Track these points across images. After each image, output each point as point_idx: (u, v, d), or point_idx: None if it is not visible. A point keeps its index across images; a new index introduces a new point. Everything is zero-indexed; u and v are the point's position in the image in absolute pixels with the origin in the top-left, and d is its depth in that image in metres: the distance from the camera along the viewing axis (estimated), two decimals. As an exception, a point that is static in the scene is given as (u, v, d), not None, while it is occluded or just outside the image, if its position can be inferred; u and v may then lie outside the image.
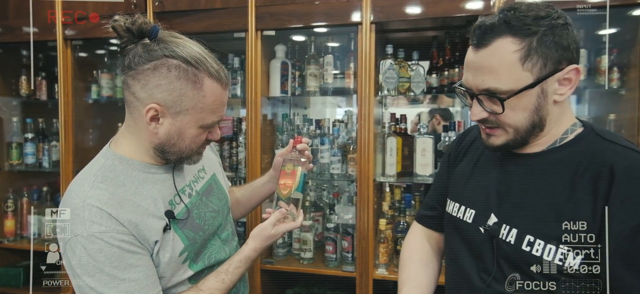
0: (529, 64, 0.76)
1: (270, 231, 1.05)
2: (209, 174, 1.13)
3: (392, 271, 1.84)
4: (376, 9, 1.76)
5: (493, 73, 0.77)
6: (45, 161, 2.34)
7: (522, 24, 0.76)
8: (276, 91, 2.02)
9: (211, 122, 0.92)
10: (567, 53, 0.77)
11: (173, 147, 0.92)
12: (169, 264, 0.93)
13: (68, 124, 2.16)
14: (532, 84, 0.77)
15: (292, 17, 1.86)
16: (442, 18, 1.79)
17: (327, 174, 2.00)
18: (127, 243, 0.87)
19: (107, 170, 0.92)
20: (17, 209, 2.35)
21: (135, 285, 0.86)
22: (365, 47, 1.78)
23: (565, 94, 0.80)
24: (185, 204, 0.99)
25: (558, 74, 0.78)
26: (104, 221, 0.85)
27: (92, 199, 0.86)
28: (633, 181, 0.72)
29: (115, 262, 0.85)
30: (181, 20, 1.98)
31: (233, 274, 1.01)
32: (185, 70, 0.86)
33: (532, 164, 0.84)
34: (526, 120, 0.80)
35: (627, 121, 1.66)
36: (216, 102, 0.91)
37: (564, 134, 0.83)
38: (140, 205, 0.91)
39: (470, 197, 0.93)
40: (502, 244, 0.82)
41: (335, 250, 1.92)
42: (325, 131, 2.06)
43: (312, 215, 2.03)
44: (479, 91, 0.80)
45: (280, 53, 2.03)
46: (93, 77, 2.29)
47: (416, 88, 1.91)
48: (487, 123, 0.84)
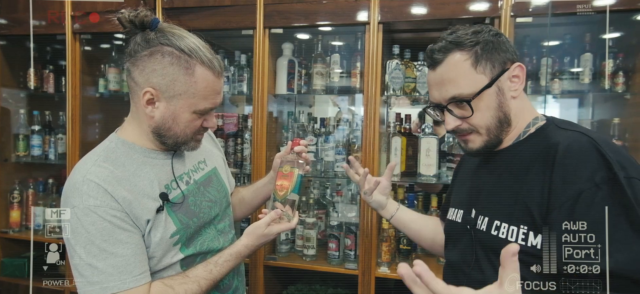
0: (480, 68, 0.88)
1: (264, 230, 1.07)
2: (209, 167, 1.16)
3: (394, 270, 1.86)
4: (384, 9, 1.78)
5: (453, 82, 0.89)
6: (51, 153, 2.36)
7: (464, 40, 0.89)
8: (282, 89, 2.03)
9: (204, 108, 0.97)
10: (508, 55, 0.90)
11: (169, 132, 0.98)
12: (159, 244, 0.97)
13: (75, 117, 2.18)
14: (489, 84, 0.88)
15: (299, 16, 1.87)
16: (449, 19, 1.80)
17: (331, 172, 2.02)
18: (119, 220, 0.91)
19: (109, 152, 0.98)
20: (23, 201, 2.37)
21: (122, 261, 0.90)
22: (372, 47, 1.80)
23: (518, 89, 0.91)
24: (182, 190, 1.04)
25: (507, 73, 0.89)
26: (100, 195, 0.90)
27: (91, 175, 0.91)
28: (568, 157, 0.79)
29: (106, 236, 0.90)
30: (189, 16, 1.99)
31: (221, 267, 1.04)
32: (178, 56, 0.93)
33: (501, 159, 0.94)
34: (493, 118, 0.90)
35: (632, 125, 1.67)
36: (208, 89, 0.96)
37: (526, 127, 0.92)
38: (137, 185, 0.96)
39: (459, 200, 1.05)
40: (478, 233, 0.92)
41: (338, 248, 1.94)
42: (330, 129, 2.07)
43: (315, 213, 2.05)
44: (446, 101, 0.91)
45: (287, 51, 2.05)
46: (100, 71, 2.30)
47: (422, 88, 1.93)
48: (461, 131, 0.93)
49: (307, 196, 2.10)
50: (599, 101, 1.98)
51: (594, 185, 0.74)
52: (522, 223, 0.82)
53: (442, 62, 0.90)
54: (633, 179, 0.74)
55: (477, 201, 0.95)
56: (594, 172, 0.75)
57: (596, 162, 0.76)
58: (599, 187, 0.74)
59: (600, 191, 0.74)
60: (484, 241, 0.89)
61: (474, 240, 0.92)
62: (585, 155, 0.77)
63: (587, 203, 0.74)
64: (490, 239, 0.87)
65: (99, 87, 2.29)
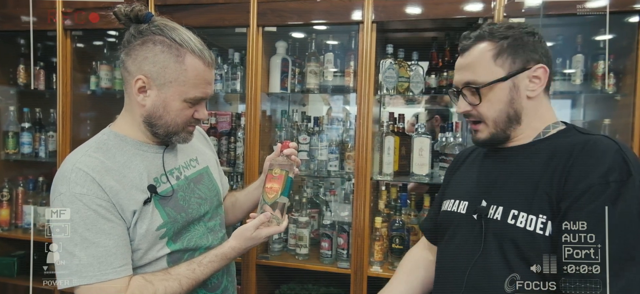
0: (500, 61, 0.90)
1: (252, 233, 1.06)
2: (201, 165, 1.17)
3: (387, 269, 1.86)
4: (377, 9, 1.78)
5: (471, 69, 0.93)
6: (41, 151, 2.33)
7: (495, 32, 0.92)
8: (276, 88, 2.02)
9: (194, 96, 0.98)
10: (535, 55, 0.91)
11: (159, 120, 0.99)
12: (145, 236, 0.97)
13: (66, 114, 2.15)
14: (504, 78, 0.90)
15: (293, 14, 1.87)
16: (442, 19, 1.81)
17: (325, 171, 2.01)
18: (104, 209, 0.92)
19: (101, 143, 1.00)
20: (12, 199, 2.34)
21: (103, 251, 0.90)
22: (366, 46, 1.79)
23: (536, 90, 0.91)
24: (172, 184, 1.04)
25: (527, 72, 0.90)
26: (87, 184, 0.91)
27: (80, 164, 0.93)
28: (589, 153, 0.81)
29: (89, 225, 0.90)
30: (183, 14, 1.98)
31: (205, 268, 1.03)
32: (169, 45, 0.95)
33: (517, 154, 0.94)
34: (502, 112, 0.92)
35: (622, 126, 1.69)
36: (198, 78, 0.97)
37: (546, 129, 0.93)
38: (126, 176, 0.97)
39: (464, 191, 1.03)
40: (490, 222, 0.91)
41: (330, 247, 1.94)
42: (324, 128, 2.07)
43: (308, 212, 2.04)
44: (462, 85, 0.95)
45: (281, 50, 2.04)
46: (92, 68, 2.28)
47: (415, 88, 1.93)
48: (471, 117, 0.97)
49: (300, 195, 2.09)
50: (590, 102, 2.00)
51: (606, 182, 0.76)
52: (541, 212, 0.83)
53: (470, 49, 0.93)
54: None
55: (488, 192, 0.95)
56: (610, 170, 0.77)
57: (614, 162, 0.78)
58: (609, 185, 0.76)
59: (609, 189, 0.75)
60: (497, 231, 0.89)
61: (485, 229, 0.91)
62: (605, 154, 0.79)
63: (592, 198, 0.76)
64: (507, 228, 0.87)
65: (90, 84, 2.27)
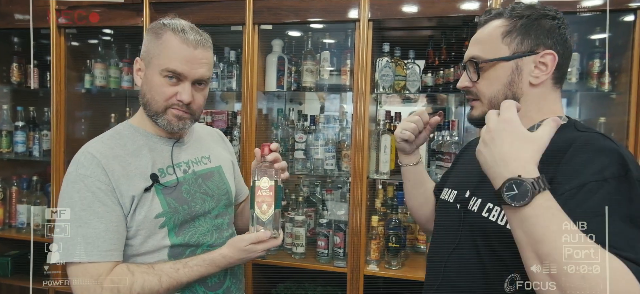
0: (507, 39, 0.86)
1: (245, 246, 1.02)
2: (213, 164, 1.18)
3: (383, 268, 1.86)
4: (374, 7, 1.77)
5: (480, 44, 0.90)
6: (35, 150, 2.31)
7: (516, 10, 0.87)
8: (272, 86, 2.01)
9: (167, 68, 0.99)
10: (547, 40, 0.85)
11: (144, 98, 1.04)
12: (143, 222, 1.00)
13: (60, 113, 2.14)
14: (506, 58, 0.86)
15: (289, 12, 1.86)
16: (439, 17, 1.81)
17: (321, 169, 2.01)
18: (102, 193, 0.96)
19: (116, 132, 1.08)
20: (6, 198, 2.32)
21: (93, 233, 0.94)
22: (362, 44, 1.79)
23: (540, 77, 0.86)
24: (177, 177, 1.07)
25: (534, 56, 0.85)
26: (92, 167, 0.96)
27: (91, 148, 1.00)
28: (582, 150, 0.77)
29: (85, 206, 0.95)
30: (178, 11, 1.93)
31: (190, 270, 1.01)
32: (155, 27, 1.03)
33: None
34: (500, 93, 0.87)
35: (617, 124, 1.69)
36: (174, 52, 0.99)
37: (542, 121, 0.86)
38: (131, 163, 1.01)
39: (455, 180, 1.04)
40: (468, 213, 0.90)
41: (327, 246, 1.93)
42: (320, 127, 2.06)
43: (304, 210, 2.04)
44: (467, 59, 0.92)
45: (277, 48, 2.03)
46: (86, 66, 2.26)
47: (411, 87, 1.93)
48: (470, 94, 0.94)
49: (297, 194, 2.09)
50: (585, 100, 2.00)
51: (602, 179, 0.70)
52: None
53: (485, 24, 0.91)
54: None
55: (474, 182, 0.93)
56: (605, 167, 0.71)
57: (610, 158, 0.72)
58: (607, 182, 0.70)
59: (606, 185, 0.70)
60: (472, 222, 0.88)
61: (462, 220, 0.90)
62: (600, 151, 0.74)
63: (587, 195, 0.70)
64: (480, 221, 0.85)
65: (85, 82, 2.25)
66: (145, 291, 0.96)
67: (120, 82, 2.25)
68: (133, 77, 1.11)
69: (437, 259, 0.96)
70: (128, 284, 0.95)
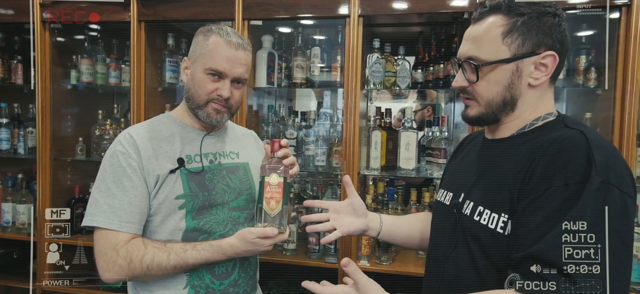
0: (508, 40, 0.82)
1: (253, 239, 1.05)
2: (241, 160, 1.24)
3: (374, 263, 1.87)
4: (364, 3, 1.77)
5: (477, 42, 0.86)
6: (20, 147, 2.26)
7: (515, 5, 0.83)
8: (262, 82, 2.00)
9: (211, 67, 1.09)
10: (548, 40, 0.82)
11: (189, 92, 1.13)
12: (164, 201, 1.08)
13: (45, 110, 2.09)
14: (507, 59, 0.83)
15: (279, 8, 1.85)
16: (429, 14, 1.82)
17: (312, 166, 2.01)
18: (131, 169, 1.05)
19: (154, 120, 1.19)
20: (-10, 197, 2.27)
21: (118, 204, 1.04)
22: (352, 40, 1.79)
23: (539, 79, 0.84)
24: (203, 165, 1.14)
25: (535, 57, 0.83)
26: (128, 145, 1.07)
27: (131, 130, 1.12)
28: (556, 153, 0.76)
29: (115, 178, 1.05)
30: (166, 7, 1.94)
31: (197, 252, 1.06)
32: (203, 30, 1.14)
33: (499, 148, 0.90)
34: (498, 95, 0.85)
35: (602, 119, 1.72)
36: (217, 52, 1.09)
37: (535, 120, 0.87)
38: (162, 147, 1.11)
39: (451, 182, 1.02)
40: (462, 216, 0.90)
41: (318, 242, 1.93)
42: (311, 123, 2.06)
43: (296, 207, 2.04)
44: (464, 58, 0.88)
45: (267, 44, 2.02)
46: (72, 62, 2.22)
47: (402, 83, 1.94)
48: (466, 93, 0.90)
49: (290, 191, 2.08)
50: (572, 96, 2.03)
51: (564, 184, 0.72)
52: (503, 211, 0.80)
53: (482, 19, 0.86)
54: (610, 186, 0.71)
55: (467, 186, 0.93)
56: (573, 173, 0.72)
57: (579, 163, 0.73)
58: (568, 188, 0.72)
59: (567, 192, 0.72)
60: (466, 226, 0.88)
61: (458, 224, 0.91)
62: (572, 154, 0.74)
63: (548, 200, 0.73)
64: (472, 225, 0.86)
65: (71, 78, 2.21)
66: (154, 264, 1.03)
67: (107, 79, 2.21)
68: (176, 74, 1.28)
69: (436, 260, 0.97)
70: (140, 256, 1.03)
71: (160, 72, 2.13)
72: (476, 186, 0.91)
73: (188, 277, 1.10)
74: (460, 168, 1.04)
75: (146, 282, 1.10)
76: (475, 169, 0.95)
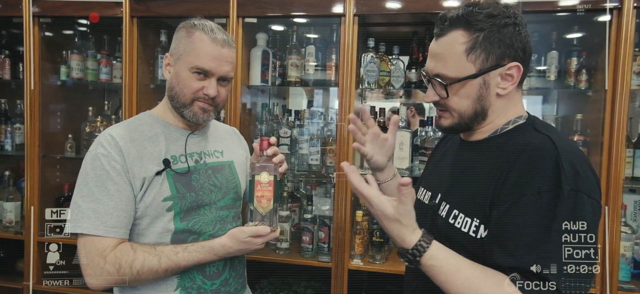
0: (472, 56, 0.85)
1: (245, 238, 1.04)
2: (226, 158, 1.21)
3: (367, 262, 1.87)
4: (359, 2, 1.77)
5: (443, 60, 0.87)
6: (7, 144, 2.22)
7: (474, 20, 0.84)
8: (256, 80, 1.99)
9: (196, 65, 1.05)
10: (511, 51, 0.85)
11: (173, 91, 1.09)
12: (151, 204, 1.04)
13: (34, 106, 2.05)
14: (474, 75, 0.85)
15: (274, 6, 1.84)
16: (423, 13, 1.82)
17: (305, 164, 2.00)
18: (115, 172, 1.01)
19: (136, 119, 1.14)
20: (-24, 194, 2.22)
21: (102, 209, 1.00)
22: (347, 39, 1.79)
23: (507, 89, 0.87)
24: (189, 165, 1.11)
25: (500, 69, 0.85)
26: (110, 147, 1.02)
27: (112, 130, 1.06)
28: (527, 160, 0.79)
29: (99, 182, 1.00)
30: (158, 3, 1.92)
31: (189, 254, 1.04)
32: (185, 26, 1.09)
33: (473, 151, 0.94)
34: (469, 107, 0.88)
35: (593, 121, 1.75)
36: (203, 50, 1.05)
37: (505, 124, 0.90)
38: (146, 148, 1.07)
39: (430, 181, 1.05)
40: (438, 218, 0.93)
41: (311, 241, 1.93)
42: (304, 122, 2.05)
43: (289, 206, 2.03)
44: (433, 75, 0.90)
45: (262, 42, 2.01)
46: (62, 58, 2.18)
47: (396, 82, 1.94)
48: (439, 106, 0.94)
49: (281, 189, 2.07)
50: (563, 98, 2.06)
51: (536, 193, 0.75)
52: (476, 216, 0.83)
53: (444, 35, 0.87)
54: (579, 193, 0.74)
55: (444, 187, 0.96)
56: (543, 181, 0.76)
57: (548, 172, 0.76)
58: (540, 196, 0.75)
59: (540, 200, 0.75)
60: (441, 228, 0.90)
61: (434, 225, 0.92)
62: (542, 162, 0.78)
63: (523, 208, 0.76)
64: (447, 227, 0.88)
65: (60, 74, 2.17)
66: (145, 269, 1.00)
67: (98, 75, 2.18)
68: (161, 71, 1.17)
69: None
70: (129, 261, 1.00)
71: (152, 69, 2.11)
72: (452, 188, 0.94)
73: (179, 279, 1.08)
74: (438, 168, 1.06)
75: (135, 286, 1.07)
76: (450, 170, 0.98)
